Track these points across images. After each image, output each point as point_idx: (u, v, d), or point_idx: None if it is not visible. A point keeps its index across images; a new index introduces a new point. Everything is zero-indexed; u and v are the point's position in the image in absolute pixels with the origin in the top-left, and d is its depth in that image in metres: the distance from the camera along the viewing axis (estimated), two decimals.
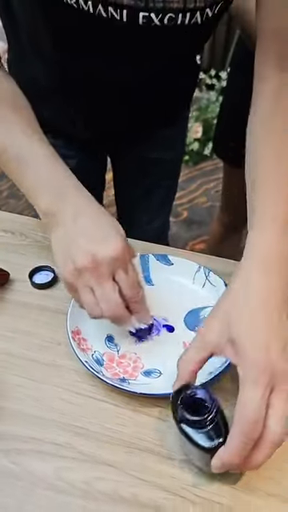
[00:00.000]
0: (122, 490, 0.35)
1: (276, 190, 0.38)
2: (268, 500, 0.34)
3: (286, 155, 0.39)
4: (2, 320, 0.48)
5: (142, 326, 0.43)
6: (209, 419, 0.33)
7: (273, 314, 0.34)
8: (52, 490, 0.35)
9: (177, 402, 0.34)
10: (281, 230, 0.37)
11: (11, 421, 0.39)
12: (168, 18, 0.41)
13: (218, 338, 0.35)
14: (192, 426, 0.33)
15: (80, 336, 0.45)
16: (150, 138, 0.70)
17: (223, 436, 0.32)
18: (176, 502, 0.34)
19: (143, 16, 0.41)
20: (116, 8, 0.40)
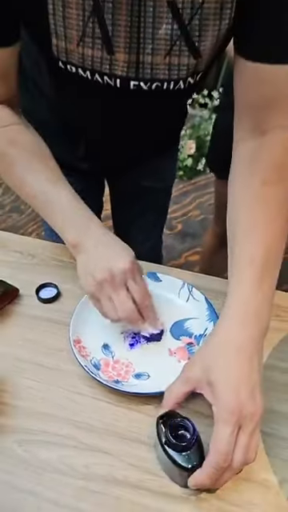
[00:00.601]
0: (116, 473, 0.42)
1: (251, 247, 0.44)
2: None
3: (260, 213, 0.45)
4: (13, 330, 0.56)
5: (154, 331, 0.52)
6: (190, 444, 0.39)
7: (245, 361, 0.40)
8: (57, 472, 0.42)
9: (161, 426, 0.40)
10: (257, 282, 0.42)
11: (22, 416, 0.46)
12: (155, 86, 0.49)
13: (199, 378, 0.41)
14: (174, 449, 0.39)
15: (80, 344, 0.52)
16: (143, 169, 0.79)
17: (197, 460, 0.38)
18: (162, 482, 0.41)
19: (133, 84, 0.49)
20: (110, 77, 0.48)
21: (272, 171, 0.46)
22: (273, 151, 0.47)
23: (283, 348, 0.54)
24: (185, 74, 0.48)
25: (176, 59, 0.46)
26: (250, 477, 0.42)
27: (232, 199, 0.49)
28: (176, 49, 0.46)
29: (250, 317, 0.42)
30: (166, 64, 0.47)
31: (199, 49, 0.46)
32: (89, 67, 0.47)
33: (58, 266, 0.65)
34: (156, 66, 0.47)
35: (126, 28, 0.44)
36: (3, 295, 0.58)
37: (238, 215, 0.47)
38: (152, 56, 0.46)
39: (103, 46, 0.45)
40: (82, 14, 0.43)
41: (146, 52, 0.46)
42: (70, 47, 0.46)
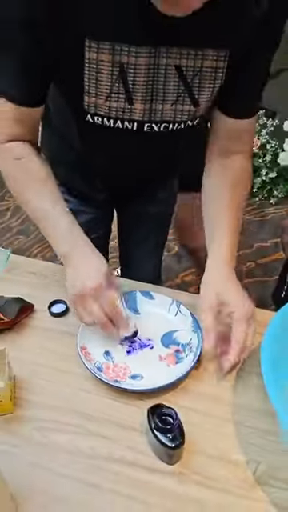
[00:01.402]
0: (115, 454, 0.52)
1: (225, 236, 0.64)
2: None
3: (228, 197, 0.66)
4: (29, 340, 0.67)
5: (126, 335, 0.62)
6: (173, 428, 0.49)
7: (237, 283, 0.60)
8: (68, 453, 0.52)
9: (151, 414, 0.51)
10: (234, 243, 0.64)
11: (40, 409, 0.57)
12: (163, 126, 0.62)
13: (215, 302, 0.58)
14: (161, 432, 0.49)
15: (86, 350, 0.62)
16: (149, 197, 0.92)
17: (179, 441, 0.49)
18: (152, 460, 0.51)
19: (147, 126, 0.62)
20: (129, 122, 0.61)
21: (234, 180, 0.67)
22: (234, 169, 0.68)
23: (255, 355, 0.64)
24: (186, 118, 0.62)
25: (180, 107, 0.60)
26: (223, 457, 0.52)
27: (206, 195, 0.70)
28: (181, 99, 0.59)
29: (232, 259, 0.63)
30: (172, 110, 0.60)
31: (198, 100, 0.60)
32: (113, 116, 0.60)
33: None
34: (165, 112, 0.60)
35: (143, 85, 0.57)
36: (21, 310, 0.69)
37: (213, 201, 0.68)
38: (162, 104, 0.60)
39: (126, 99, 0.58)
40: (111, 77, 0.56)
41: (158, 101, 0.59)
42: (99, 102, 0.58)
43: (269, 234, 2.12)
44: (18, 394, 0.59)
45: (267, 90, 0.68)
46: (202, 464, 0.51)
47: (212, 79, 0.58)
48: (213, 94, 0.60)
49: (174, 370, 0.60)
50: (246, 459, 0.52)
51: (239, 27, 0.54)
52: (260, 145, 2.23)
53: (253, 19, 0.53)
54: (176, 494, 0.48)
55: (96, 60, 0.54)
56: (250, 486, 0.49)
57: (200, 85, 0.59)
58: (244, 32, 0.55)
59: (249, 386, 0.60)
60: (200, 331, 0.63)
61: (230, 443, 0.53)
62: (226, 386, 0.60)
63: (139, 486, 0.49)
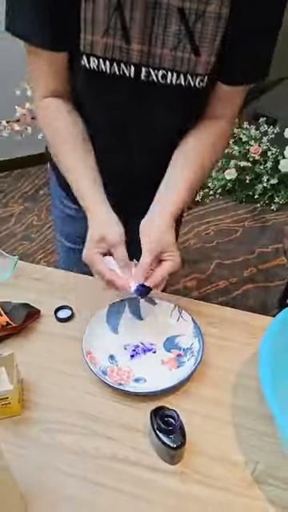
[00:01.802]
0: (119, 454, 0.54)
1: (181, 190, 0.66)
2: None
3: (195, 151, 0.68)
4: (36, 344, 0.69)
5: (136, 286, 0.61)
6: (175, 429, 0.51)
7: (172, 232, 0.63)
8: (74, 453, 0.54)
9: (153, 416, 0.53)
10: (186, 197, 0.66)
11: (47, 411, 0.59)
12: (162, 75, 0.60)
13: (155, 248, 0.61)
14: (164, 433, 0.51)
15: (91, 355, 0.65)
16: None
17: (181, 441, 0.51)
18: (154, 460, 0.54)
19: (145, 71, 0.60)
20: (126, 65, 0.59)
21: (208, 141, 0.69)
22: (212, 131, 0.70)
23: (253, 359, 0.66)
24: (186, 69, 0.60)
25: (180, 54, 0.59)
26: (223, 457, 0.54)
27: (179, 149, 0.70)
28: (181, 45, 0.58)
29: (177, 212, 0.65)
30: (172, 56, 0.59)
31: (199, 48, 0.58)
32: (109, 57, 0.59)
33: (72, 291, 0.79)
34: (164, 57, 0.59)
35: (140, 23, 0.56)
36: (28, 315, 0.71)
37: (182, 155, 0.69)
38: (162, 49, 0.58)
39: (122, 36, 0.57)
40: (108, 11, 0.55)
41: (157, 45, 0.58)
42: (95, 39, 0.58)
43: (270, 239, 2.14)
44: (25, 396, 0.61)
45: (268, 99, 0.70)
46: (202, 464, 0.53)
47: (214, 26, 0.57)
48: (214, 44, 0.58)
49: (175, 373, 0.63)
50: (245, 459, 0.54)
51: None
52: (261, 152, 2.26)
53: None
54: (178, 493, 0.51)
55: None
56: (249, 485, 0.51)
57: (202, 31, 0.57)
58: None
59: (248, 389, 0.62)
60: (201, 336, 0.66)
61: (230, 444, 0.55)
62: (226, 389, 0.62)
63: (142, 484, 0.51)
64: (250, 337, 0.70)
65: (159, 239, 0.62)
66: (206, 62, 0.60)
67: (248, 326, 0.71)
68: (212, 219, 2.27)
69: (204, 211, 2.33)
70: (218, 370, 0.64)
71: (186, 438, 0.52)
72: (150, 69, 0.60)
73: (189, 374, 0.61)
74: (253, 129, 2.31)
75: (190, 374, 0.61)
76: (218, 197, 2.40)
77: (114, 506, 0.50)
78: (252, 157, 2.27)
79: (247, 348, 0.68)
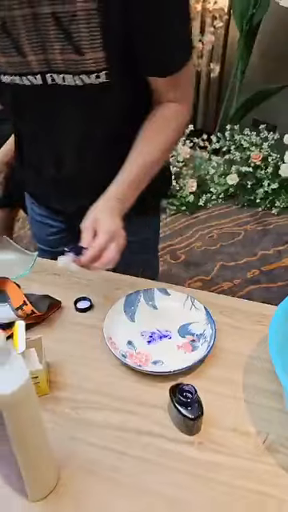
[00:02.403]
0: (142, 427, 0.59)
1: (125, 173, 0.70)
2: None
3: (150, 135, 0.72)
4: (60, 332, 0.74)
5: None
6: (193, 402, 0.56)
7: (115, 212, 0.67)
8: (100, 427, 0.59)
9: (175, 390, 0.58)
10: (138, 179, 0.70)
11: (72, 391, 0.64)
12: (63, 78, 0.64)
13: (90, 225, 0.65)
14: (182, 405, 0.56)
15: (111, 341, 0.70)
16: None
17: (199, 412, 0.56)
18: (174, 432, 0.58)
19: (50, 77, 0.64)
20: (32, 75, 0.64)
21: (157, 123, 0.73)
22: (161, 113, 0.72)
23: (262, 344, 0.71)
24: (76, 69, 0.63)
25: (67, 56, 0.62)
26: (237, 429, 0.59)
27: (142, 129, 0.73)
28: (65, 48, 0.61)
29: (122, 193, 0.69)
30: (62, 59, 0.62)
31: (80, 47, 0.60)
32: (14, 71, 0.64)
33: (89, 284, 0.84)
34: (59, 62, 0.63)
35: (26, 36, 0.60)
36: (50, 306, 0.77)
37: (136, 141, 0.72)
38: (53, 54, 0.62)
39: (17, 52, 0.62)
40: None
41: (48, 52, 0.62)
42: (0, 60, 0.63)
43: (272, 242, 2.20)
44: (52, 378, 0.66)
45: (267, 106, 0.74)
46: (217, 435, 0.58)
47: (87, 23, 0.59)
48: (95, 40, 0.60)
49: (190, 356, 0.68)
50: (257, 430, 0.58)
51: None
52: (262, 157, 2.33)
53: None
54: (196, 460, 0.55)
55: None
56: (261, 453, 0.56)
57: (79, 30, 0.59)
58: None
59: (258, 370, 0.67)
60: (213, 323, 0.71)
61: (243, 418, 0.60)
62: (237, 370, 0.67)
63: (163, 453, 0.56)
64: (259, 324, 0.75)
65: (93, 217, 0.66)
66: (92, 58, 0.62)
67: (257, 314, 0.77)
68: (215, 223, 2.33)
69: (207, 215, 2.39)
70: (230, 354, 0.69)
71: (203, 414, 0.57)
72: (53, 74, 0.64)
73: (203, 356, 0.66)
74: (253, 135, 2.38)
75: (204, 356, 0.66)
76: (221, 201, 2.46)
77: (138, 471, 0.54)
78: (253, 162, 2.34)
79: (257, 334, 0.73)
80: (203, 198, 2.42)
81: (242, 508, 0.51)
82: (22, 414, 0.41)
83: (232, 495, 0.52)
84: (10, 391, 0.38)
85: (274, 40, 2.44)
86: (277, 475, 0.54)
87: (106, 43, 0.61)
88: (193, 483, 0.53)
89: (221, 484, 0.53)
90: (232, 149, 2.40)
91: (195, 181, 2.37)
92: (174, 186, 2.35)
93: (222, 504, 0.51)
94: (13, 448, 0.43)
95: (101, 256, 0.64)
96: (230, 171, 2.40)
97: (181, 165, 2.37)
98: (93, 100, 0.69)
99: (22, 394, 0.40)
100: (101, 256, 0.64)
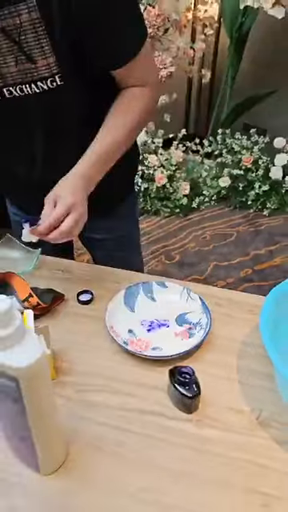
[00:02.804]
0: (143, 408, 0.63)
1: (87, 154, 0.74)
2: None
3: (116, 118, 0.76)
4: (64, 323, 0.78)
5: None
6: (191, 382, 0.61)
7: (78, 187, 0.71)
8: (104, 407, 0.63)
9: (173, 372, 0.62)
10: (103, 159, 0.75)
11: (77, 375, 0.68)
12: (19, 89, 0.69)
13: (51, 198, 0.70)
14: (181, 384, 0.61)
15: (113, 329, 0.74)
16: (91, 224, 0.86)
17: (197, 390, 0.60)
18: (173, 411, 0.63)
19: (6, 91, 0.69)
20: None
21: (119, 105, 0.76)
22: (123, 95, 0.77)
23: (255, 331, 0.76)
24: (32, 77, 0.67)
25: (22, 66, 0.66)
26: (232, 407, 0.63)
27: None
28: (20, 59, 0.65)
29: (83, 172, 0.73)
30: (19, 71, 0.67)
31: (32, 56, 0.65)
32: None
33: (91, 279, 0.88)
34: (14, 74, 0.67)
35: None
36: (53, 299, 0.81)
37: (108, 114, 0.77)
38: (7, 67, 0.66)
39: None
40: None
41: (2, 66, 0.66)
42: None
43: (263, 242, 2.26)
44: (58, 364, 0.70)
45: (257, 111, 0.78)
46: (214, 413, 0.62)
47: (34, 32, 0.63)
48: (44, 47, 0.64)
49: (187, 342, 0.72)
50: (251, 408, 0.63)
51: None
52: (253, 160, 2.40)
53: None
54: (195, 435, 0.60)
55: None
56: (255, 427, 0.60)
57: (27, 40, 0.64)
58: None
59: (251, 354, 0.71)
60: (208, 312, 0.75)
61: (237, 397, 0.64)
62: (232, 354, 0.71)
63: (164, 430, 0.60)
64: (252, 313, 0.79)
65: (54, 192, 0.71)
66: (45, 65, 0.66)
67: (249, 304, 0.81)
68: (208, 224, 2.39)
69: (200, 217, 2.45)
70: (224, 340, 0.74)
71: (200, 393, 0.61)
72: (10, 88, 0.69)
73: (200, 341, 0.70)
74: (244, 139, 2.45)
75: (201, 341, 0.71)
76: (214, 203, 2.52)
77: (141, 447, 0.58)
78: (244, 165, 2.41)
79: (249, 322, 0.77)
80: (196, 200, 2.47)
81: (239, 477, 0.55)
82: (37, 385, 0.45)
83: (230, 465, 0.56)
84: (26, 364, 0.42)
85: (262, 47, 2.52)
86: (271, 448, 0.58)
87: (54, 48, 0.65)
88: (193, 456, 0.57)
89: (219, 456, 0.57)
90: (224, 152, 2.46)
91: (188, 184, 2.42)
92: (166, 187, 2.41)
93: (220, 474, 0.55)
94: (28, 421, 0.47)
95: (57, 227, 0.68)
96: (222, 174, 2.46)
97: (174, 168, 2.43)
98: (53, 103, 0.73)
99: (37, 367, 0.43)
100: (57, 227, 0.68)
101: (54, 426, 0.52)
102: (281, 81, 2.45)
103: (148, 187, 2.40)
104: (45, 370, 0.46)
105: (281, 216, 2.43)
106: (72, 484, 0.55)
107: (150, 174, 2.38)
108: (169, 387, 0.64)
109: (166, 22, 2.18)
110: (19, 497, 0.53)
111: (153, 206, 2.44)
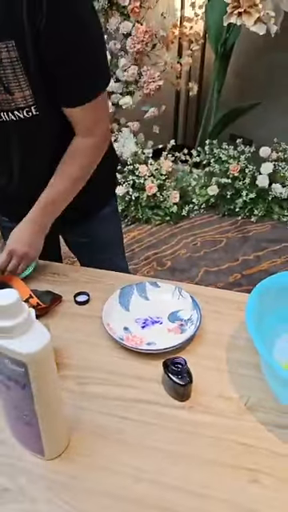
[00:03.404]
0: (141, 396, 0.68)
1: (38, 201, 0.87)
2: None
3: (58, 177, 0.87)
4: (62, 322, 0.82)
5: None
6: (183, 371, 0.65)
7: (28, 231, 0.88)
8: (104, 398, 0.67)
9: (167, 363, 0.67)
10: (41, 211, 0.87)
11: (78, 370, 0.72)
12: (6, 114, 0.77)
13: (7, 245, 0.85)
14: (174, 374, 0.66)
15: (109, 327, 0.78)
16: (71, 230, 1.08)
17: (188, 378, 0.65)
18: (167, 399, 0.67)
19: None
20: None
21: (65, 157, 0.86)
22: (78, 144, 0.85)
23: (242, 326, 0.81)
24: (9, 107, 0.75)
25: (2, 96, 0.74)
26: (222, 395, 0.68)
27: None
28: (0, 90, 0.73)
29: (35, 216, 0.87)
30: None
31: (9, 88, 0.73)
32: None
33: (87, 281, 0.93)
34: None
35: None
36: (52, 300, 0.85)
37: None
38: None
39: None
40: None
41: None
42: None
43: (251, 248, 2.33)
44: (58, 360, 0.74)
45: (243, 122, 0.83)
46: (205, 400, 0.67)
47: (12, 68, 0.71)
48: (20, 82, 0.72)
49: (180, 336, 0.77)
50: (239, 395, 0.68)
51: (12, 20, 0.67)
52: (239, 169, 2.48)
53: (21, 13, 0.66)
54: (188, 420, 0.64)
55: None
56: (244, 412, 0.65)
57: (6, 75, 0.71)
58: (19, 24, 0.67)
59: (239, 347, 0.76)
60: (198, 308, 0.81)
61: (227, 385, 0.69)
62: (221, 347, 0.76)
63: (160, 416, 0.65)
64: (239, 310, 0.84)
65: (9, 246, 0.86)
66: (21, 97, 0.75)
67: (237, 302, 0.87)
68: (198, 231, 2.46)
69: (190, 225, 2.51)
70: (214, 334, 0.79)
71: (192, 381, 0.66)
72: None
73: (191, 335, 0.75)
74: (231, 149, 2.54)
75: (192, 335, 0.76)
76: (203, 211, 2.60)
77: (141, 433, 0.63)
78: (232, 174, 2.49)
79: (237, 318, 0.82)
80: (186, 208, 2.54)
81: (229, 457, 0.60)
82: (44, 370, 0.49)
83: (220, 447, 0.61)
84: (35, 349, 0.47)
85: (246, 61, 2.63)
86: (258, 429, 0.63)
87: (30, 83, 0.73)
88: (186, 439, 0.62)
89: (210, 438, 0.62)
90: (211, 162, 2.55)
91: (178, 192, 2.49)
92: (157, 196, 2.47)
93: (212, 454, 0.60)
94: (35, 405, 0.52)
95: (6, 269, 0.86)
96: (210, 183, 2.54)
97: (164, 178, 2.50)
98: (29, 129, 0.81)
99: (45, 353, 0.48)
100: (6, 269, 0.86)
101: (59, 411, 0.57)
102: (264, 93, 2.56)
103: (139, 196, 2.46)
104: (51, 356, 0.50)
105: (268, 222, 2.51)
106: (75, 468, 0.59)
107: (140, 184, 2.45)
108: (163, 377, 0.68)
109: (153, 38, 2.28)
110: (25, 480, 0.57)
111: (144, 215, 2.50)
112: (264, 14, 1.71)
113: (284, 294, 0.77)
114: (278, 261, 2.23)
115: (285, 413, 0.65)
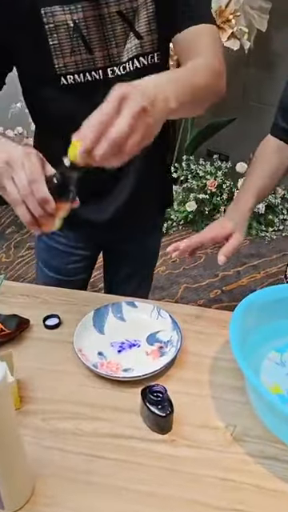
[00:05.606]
0: (115, 431, 0.60)
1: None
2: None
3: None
4: (30, 349, 0.75)
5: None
6: (163, 400, 0.59)
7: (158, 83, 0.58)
8: (74, 435, 0.60)
9: (146, 391, 0.60)
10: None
11: (44, 404, 0.65)
12: (122, 67, 0.73)
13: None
14: (153, 404, 0.59)
15: (82, 352, 0.71)
16: (134, 240, 1.02)
17: (169, 410, 0.59)
18: (146, 433, 0.60)
19: (110, 71, 0.73)
20: (95, 71, 0.72)
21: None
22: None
23: (225, 346, 0.75)
24: (135, 53, 0.72)
25: (129, 44, 0.72)
26: (206, 425, 0.62)
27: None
28: (130, 37, 0.71)
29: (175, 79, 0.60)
30: (126, 50, 0.72)
31: (140, 33, 0.72)
32: (80, 69, 0.71)
33: (57, 303, 0.86)
34: (120, 53, 0.72)
35: (96, 35, 0.70)
36: (18, 325, 0.77)
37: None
38: (117, 48, 0.72)
39: (86, 50, 0.70)
40: (69, 33, 0.68)
41: (113, 46, 0.72)
42: (66, 60, 0.70)
43: (231, 264, 2.30)
44: (22, 393, 0.66)
45: (219, 138, 0.78)
46: (189, 432, 0.60)
47: (146, 12, 0.71)
48: (150, 25, 0.72)
49: (159, 361, 0.70)
50: (225, 424, 0.62)
51: None
52: (217, 185, 2.48)
53: None
54: (170, 456, 0.57)
55: (54, 23, 0.67)
56: (230, 444, 0.59)
57: (139, 20, 0.71)
58: None
59: (222, 369, 0.70)
60: (179, 329, 0.75)
61: (211, 413, 0.63)
62: (203, 370, 0.70)
63: (138, 453, 0.58)
64: (221, 329, 0.79)
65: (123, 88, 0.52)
66: (149, 41, 0.73)
67: (219, 320, 0.81)
68: None
69: (169, 241, 2.47)
70: (196, 357, 0.73)
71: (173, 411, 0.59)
72: (114, 67, 0.73)
73: (171, 359, 0.69)
74: (208, 164, 2.54)
75: (172, 359, 0.69)
76: (181, 228, 2.57)
77: (114, 472, 0.55)
78: (209, 189, 2.48)
79: (219, 338, 0.77)
80: (165, 225, 2.51)
81: (212, 495, 0.53)
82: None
83: (202, 484, 0.54)
84: None
85: None
86: (246, 463, 0.57)
87: (159, 26, 0.72)
88: (167, 478, 0.55)
89: (192, 475, 0.55)
90: (189, 178, 2.54)
91: None
92: None
93: (193, 493, 0.53)
94: None
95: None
96: (188, 199, 2.52)
97: None
98: None
99: None
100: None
101: (19, 460, 0.49)
102: (239, 109, 2.59)
103: None
104: (6, 400, 0.43)
105: (247, 238, 2.49)
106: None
107: None
108: (141, 408, 0.61)
109: None
110: None
111: None
112: (237, 29, 1.73)
113: (268, 310, 0.73)
114: (257, 276, 2.20)
115: (273, 442, 0.59)
